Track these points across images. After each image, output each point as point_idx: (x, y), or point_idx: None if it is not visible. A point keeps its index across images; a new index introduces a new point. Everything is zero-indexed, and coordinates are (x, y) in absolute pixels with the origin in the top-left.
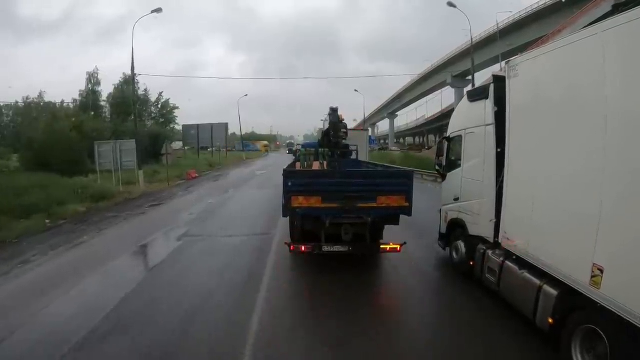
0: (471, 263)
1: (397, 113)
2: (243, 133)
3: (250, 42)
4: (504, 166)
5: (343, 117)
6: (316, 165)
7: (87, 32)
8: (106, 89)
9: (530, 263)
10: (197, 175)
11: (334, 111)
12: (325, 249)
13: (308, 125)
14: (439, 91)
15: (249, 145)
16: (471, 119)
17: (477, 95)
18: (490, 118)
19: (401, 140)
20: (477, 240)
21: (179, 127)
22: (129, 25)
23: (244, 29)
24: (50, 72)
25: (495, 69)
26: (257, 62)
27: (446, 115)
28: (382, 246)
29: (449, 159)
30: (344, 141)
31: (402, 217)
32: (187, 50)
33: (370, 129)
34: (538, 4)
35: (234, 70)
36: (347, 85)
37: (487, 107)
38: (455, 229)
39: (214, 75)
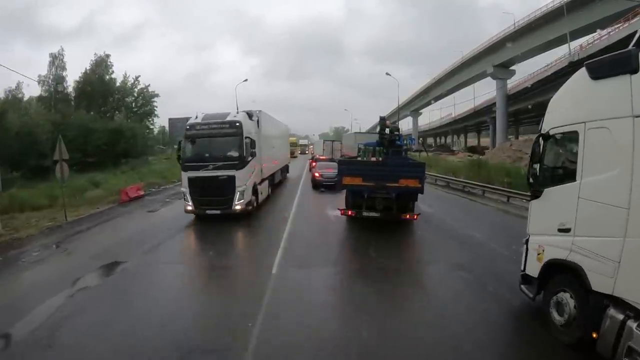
0: (594, 335)
1: (420, 111)
2: None
3: (261, 46)
4: None
5: (389, 122)
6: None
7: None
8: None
9: None
10: (141, 193)
11: (382, 119)
12: (365, 214)
13: (323, 125)
14: (471, 85)
15: None
16: (599, 107)
17: (612, 68)
18: None
19: (420, 140)
20: (608, 300)
21: (162, 122)
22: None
23: (255, 33)
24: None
25: (543, 57)
26: (270, 65)
27: (479, 113)
28: (402, 214)
29: (545, 167)
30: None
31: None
32: (199, 53)
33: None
34: None
35: (246, 72)
36: (356, 86)
37: (634, 88)
38: (557, 274)
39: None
